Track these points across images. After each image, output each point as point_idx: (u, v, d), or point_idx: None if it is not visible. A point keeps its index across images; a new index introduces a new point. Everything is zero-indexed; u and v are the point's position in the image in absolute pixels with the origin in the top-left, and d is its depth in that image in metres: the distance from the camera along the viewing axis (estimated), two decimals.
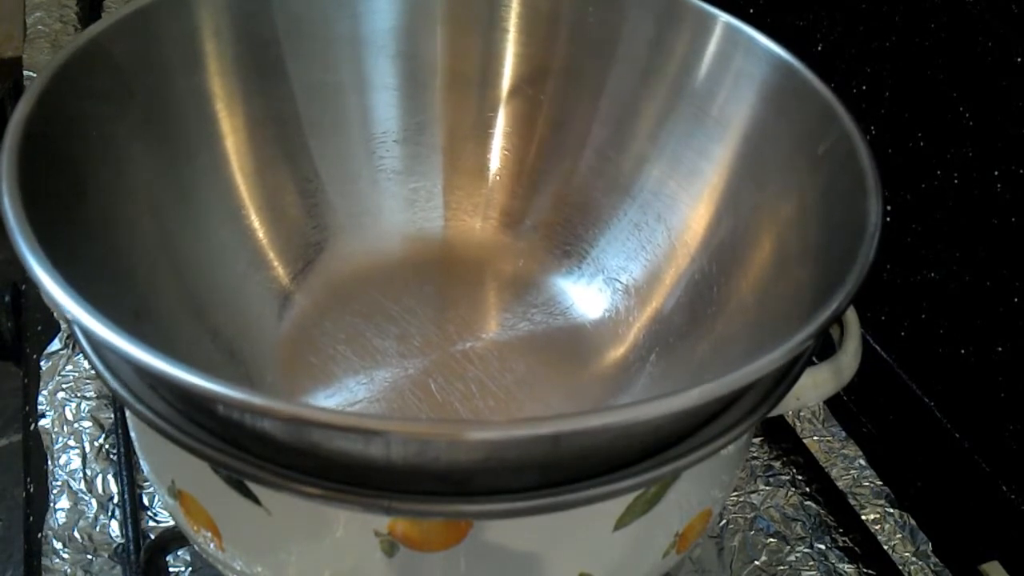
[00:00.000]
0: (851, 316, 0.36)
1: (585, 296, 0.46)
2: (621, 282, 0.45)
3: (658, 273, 0.44)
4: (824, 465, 0.51)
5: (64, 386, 0.51)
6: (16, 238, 0.27)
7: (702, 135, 0.42)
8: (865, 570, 0.46)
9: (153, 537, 0.44)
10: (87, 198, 0.34)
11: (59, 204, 0.32)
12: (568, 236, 0.47)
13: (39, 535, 0.44)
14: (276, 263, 0.45)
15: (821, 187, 0.36)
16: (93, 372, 0.50)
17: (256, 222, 0.44)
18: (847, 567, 0.46)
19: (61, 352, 0.52)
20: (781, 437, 0.51)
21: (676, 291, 0.43)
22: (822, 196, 0.36)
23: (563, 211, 0.47)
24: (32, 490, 0.46)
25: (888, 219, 0.31)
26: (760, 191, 0.39)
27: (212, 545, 0.32)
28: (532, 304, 0.46)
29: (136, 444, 0.37)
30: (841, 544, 0.47)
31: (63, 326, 0.53)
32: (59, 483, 0.46)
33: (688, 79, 0.41)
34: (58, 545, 0.44)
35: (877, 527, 0.48)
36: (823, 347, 0.35)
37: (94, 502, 0.45)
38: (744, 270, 0.40)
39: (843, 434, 0.53)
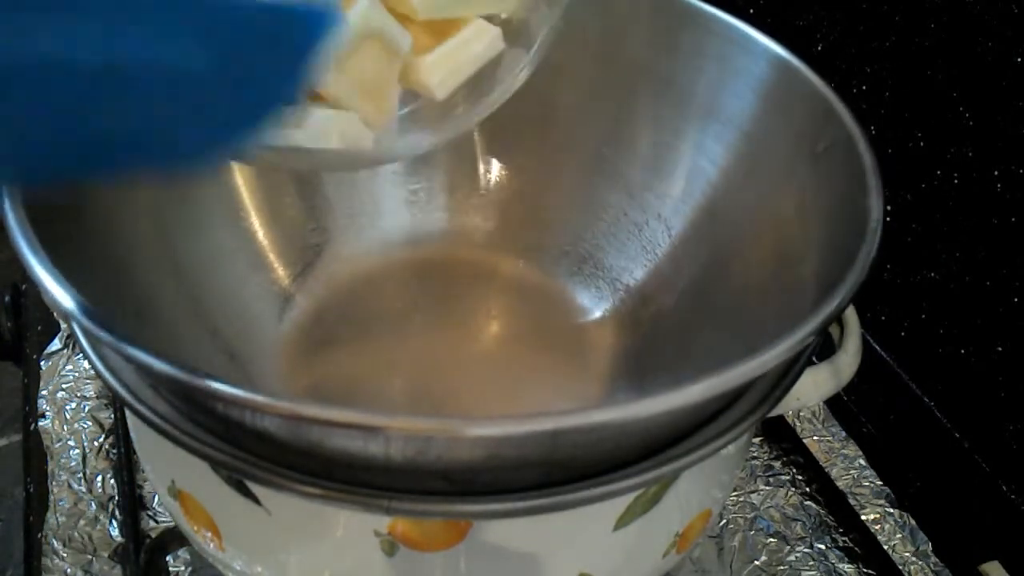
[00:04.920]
0: (851, 316, 0.36)
1: (586, 296, 0.46)
2: (622, 282, 0.45)
3: (659, 273, 0.44)
4: (824, 465, 0.51)
5: (64, 386, 0.51)
6: (16, 238, 0.27)
7: (701, 133, 0.42)
8: (865, 570, 0.46)
9: (153, 537, 0.44)
10: (87, 198, 0.34)
11: (59, 204, 0.32)
12: (569, 236, 0.47)
13: (39, 535, 0.44)
14: (276, 264, 0.45)
15: (821, 185, 0.36)
16: (93, 372, 0.50)
17: (256, 223, 0.44)
18: (847, 567, 0.46)
19: (61, 352, 0.52)
20: (781, 437, 0.51)
21: (677, 291, 0.43)
22: (822, 194, 0.36)
23: (563, 211, 0.47)
24: (32, 490, 0.46)
25: (888, 219, 0.31)
26: (760, 189, 0.39)
27: (212, 545, 0.32)
28: (532, 304, 0.46)
29: (136, 444, 0.37)
30: (841, 544, 0.47)
31: (63, 326, 0.53)
32: (59, 483, 0.46)
33: (687, 79, 0.41)
34: (58, 545, 0.44)
35: (877, 527, 0.48)
36: (823, 347, 0.35)
37: (94, 502, 0.45)
38: (745, 269, 0.40)
39: (843, 434, 0.53)
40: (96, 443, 0.48)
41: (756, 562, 0.46)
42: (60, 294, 0.25)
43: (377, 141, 0.31)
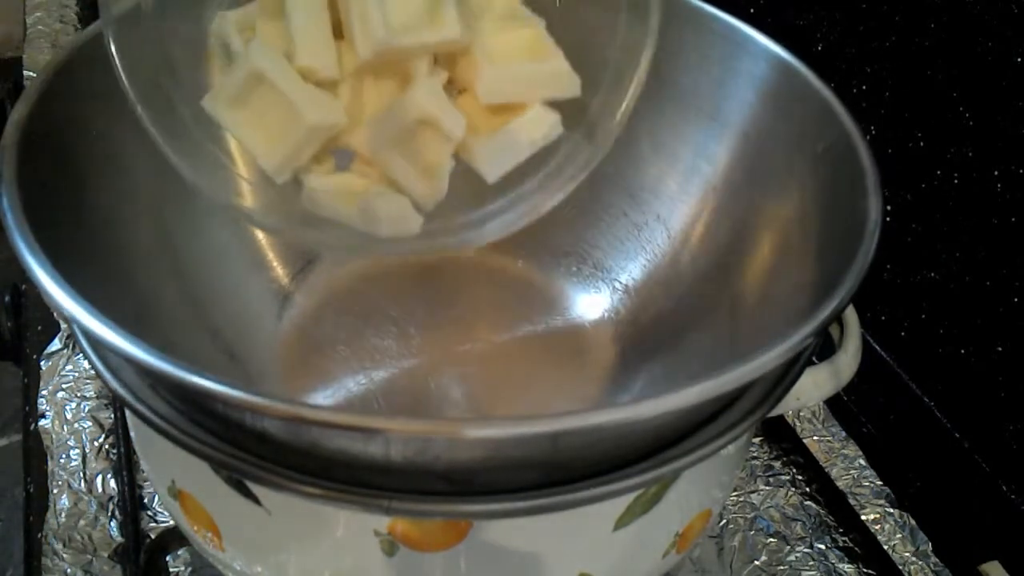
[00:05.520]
0: (851, 316, 0.36)
1: (585, 296, 0.46)
2: (621, 282, 0.45)
3: (658, 273, 0.44)
4: (824, 465, 0.51)
5: (64, 386, 0.51)
6: (15, 239, 0.27)
7: (701, 134, 0.42)
8: (865, 570, 0.46)
9: (153, 537, 0.44)
10: (87, 198, 0.34)
11: (59, 204, 0.32)
12: (568, 236, 0.46)
13: (39, 535, 0.44)
14: (276, 263, 0.45)
15: (821, 185, 0.36)
16: (93, 372, 0.50)
17: (263, 237, 0.44)
18: (847, 567, 0.46)
19: (61, 352, 0.52)
20: (781, 437, 0.51)
21: (676, 291, 0.43)
22: (822, 195, 0.36)
23: (563, 211, 0.46)
24: (32, 490, 0.46)
25: (888, 219, 0.31)
26: (760, 190, 0.39)
27: (212, 545, 0.32)
28: (532, 304, 0.46)
29: (136, 444, 0.37)
30: (841, 544, 0.47)
31: (63, 326, 0.53)
32: (59, 483, 0.46)
33: (687, 78, 0.41)
34: (58, 545, 0.44)
35: (877, 527, 0.48)
36: (823, 347, 0.35)
37: (94, 502, 0.45)
38: (744, 269, 0.39)
39: (843, 434, 0.53)
40: (96, 443, 0.48)
41: (756, 562, 0.46)
42: (59, 294, 0.25)
43: (426, 230, 0.31)
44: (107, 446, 0.48)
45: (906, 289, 0.51)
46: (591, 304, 0.46)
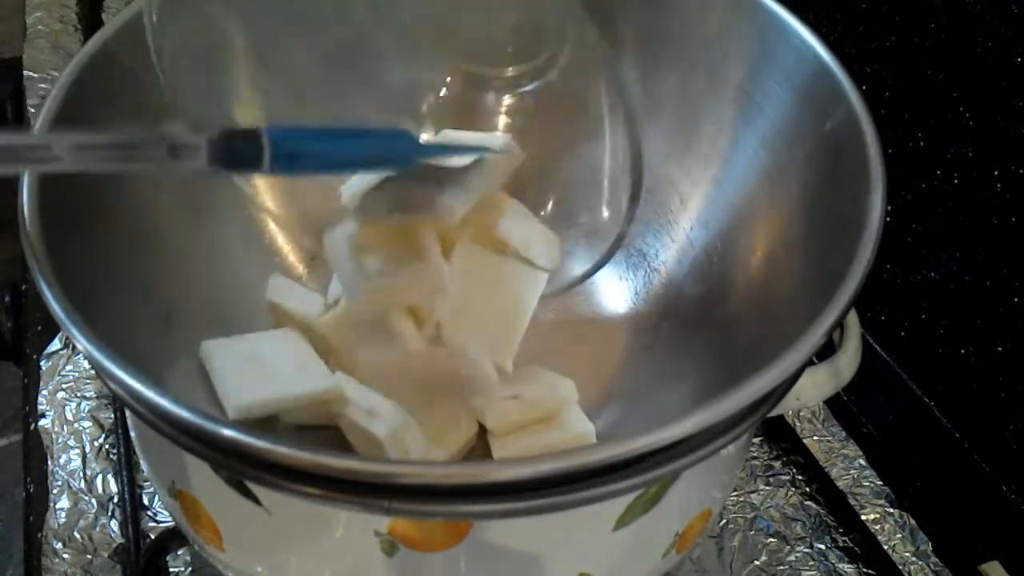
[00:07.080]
0: (851, 316, 0.36)
1: (604, 276, 0.45)
2: (640, 263, 0.45)
3: (676, 253, 0.43)
4: (824, 465, 0.51)
5: (64, 386, 0.51)
6: (40, 283, 0.28)
7: (716, 115, 0.41)
8: (865, 570, 0.46)
9: (153, 537, 0.44)
10: (110, 209, 0.34)
11: (81, 217, 0.32)
12: (594, 219, 0.46)
13: (39, 535, 0.44)
14: (297, 264, 0.45)
15: (825, 176, 0.36)
16: (93, 372, 0.50)
17: (273, 225, 0.44)
18: (847, 567, 0.46)
19: (61, 352, 0.52)
20: (781, 437, 0.51)
21: (693, 269, 0.42)
22: (826, 187, 0.36)
23: (584, 194, 0.46)
24: (32, 490, 0.46)
25: (888, 219, 0.31)
26: (774, 172, 0.39)
27: (212, 545, 0.32)
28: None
29: (136, 444, 0.37)
30: (841, 544, 0.47)
31: None
32: (59, 483, 0.46)
33: (708, 59, 0.41)
34: (58, 545, 0.44)
35: (877, 527, 0.48)
36: (823, 347, 0.35)
37: (94, 502, 0.46)
38: (753, 252, 0.39)
39: (843, 434, 0.53)
40: (96, 443, 0.48)
41: (756, 562, 0.46)
42: (95, 354, 0.26)
43: None
44: (107, 446, 0.48)
45: (906, 289, 0.51)
46: (610, 283, 0.45)
